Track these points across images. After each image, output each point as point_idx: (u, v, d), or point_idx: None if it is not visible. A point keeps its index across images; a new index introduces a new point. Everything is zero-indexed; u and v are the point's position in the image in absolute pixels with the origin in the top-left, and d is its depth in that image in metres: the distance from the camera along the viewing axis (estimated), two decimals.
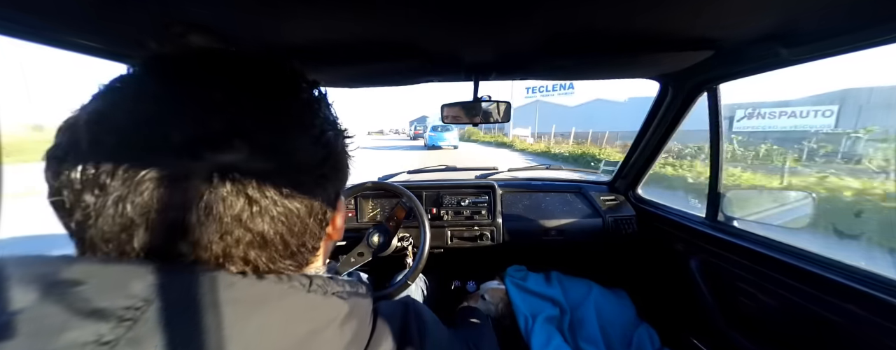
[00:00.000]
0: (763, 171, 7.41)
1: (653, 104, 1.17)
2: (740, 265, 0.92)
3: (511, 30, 0.63)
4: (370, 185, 1.17)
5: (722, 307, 0.98)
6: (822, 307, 0.72)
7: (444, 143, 16.12)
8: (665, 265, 1.24)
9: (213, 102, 0.22)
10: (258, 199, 0.22)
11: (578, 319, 1.19)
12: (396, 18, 0.56)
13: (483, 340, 0.69)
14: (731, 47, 0.72)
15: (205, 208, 0.21)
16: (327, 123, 0.27)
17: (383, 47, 0.70)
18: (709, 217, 1.06)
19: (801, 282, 0.75)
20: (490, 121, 1.13)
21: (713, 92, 0.97)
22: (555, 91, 33.21)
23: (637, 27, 0.62)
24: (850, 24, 0.58)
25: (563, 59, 0.81)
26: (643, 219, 1.36)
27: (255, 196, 0.22)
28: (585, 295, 1.25)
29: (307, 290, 0.25)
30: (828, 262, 0.73)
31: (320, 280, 0.26)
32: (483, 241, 1.33)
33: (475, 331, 0.79)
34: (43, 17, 0.53)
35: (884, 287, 0.62)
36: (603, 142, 14.28)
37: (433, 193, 1.38)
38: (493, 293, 1.27)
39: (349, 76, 0.97)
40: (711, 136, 1.02)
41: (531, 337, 1.09)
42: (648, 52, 0.75)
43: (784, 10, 0.56)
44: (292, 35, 0.63)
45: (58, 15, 0.53)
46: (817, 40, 0.64)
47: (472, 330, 0.80)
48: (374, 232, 1.08)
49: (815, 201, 0.92)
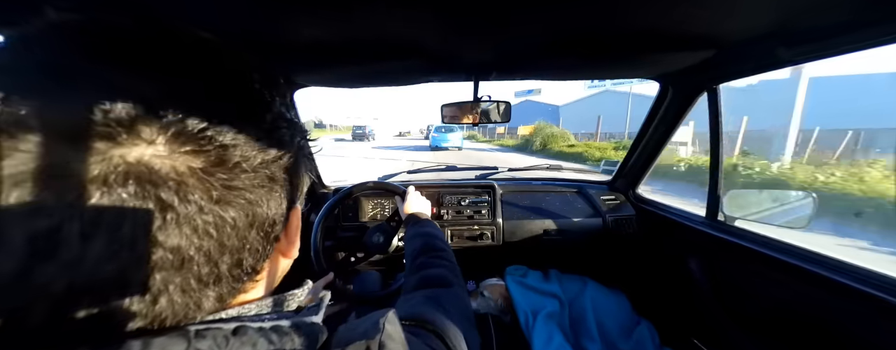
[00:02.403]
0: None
1: (653, 104, 1.17)
2: (740, 265, 0.92)
3: (512, 30, 0.63)
4: (371, 184, 1.17)
5: (722, 307, 0.98)
6: (822, 307, 0.72)
7: (447, 143, 15.81)
8: (665, 265, 1.24)
9: (117, 79, 0.17)
10: (173, 205, 0.17)
11: (576, 313, 1.19)
12: (397, 19, 0.57)
13: (449, 310, 0.46)
14: (731, 47, 0.72)
15: (93, 216, 0.16)
16: (282, 119, 0.23)
17: (384, 47, 0.70)
18: (709, 217, 1.06)
19: (801, 281, 0.75)
20: (490, 121, 1.13)
21: (713, 92, 0.97)
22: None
23: (637, 27, 0.62)
24: (850, 24, 0.58)
25: (563, 59, 0.81)
26: (643, 218, 1.36)
27: (169, 200, 0.17)
28: (581, 290, 1.26)
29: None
30: (828, 262, 0.73)
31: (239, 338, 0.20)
32: (483, 241, 1.33)
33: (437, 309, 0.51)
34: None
35: (884, 287, 0.62)
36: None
37: (433, 193, 1.39)
38: (491, 289, 1.28)
39: (349, 76, 0.97)
40: (711, 136, 1.02)
41: (532, 334, 1.09)
42: (648, 52, 0.75)
43: (784, 10, 0.56)
44: (293, 35, 0.63)
45: None
46: (817, 40, 0.64)
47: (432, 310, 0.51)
48: (374, 232, 1.09)
49: (815, 201, 0.92)
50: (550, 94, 38.11)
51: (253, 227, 0.21)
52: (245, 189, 0.20)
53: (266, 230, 0.23)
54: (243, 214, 0.20)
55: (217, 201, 0.19)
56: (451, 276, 0.55)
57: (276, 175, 0.22)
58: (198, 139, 0.18)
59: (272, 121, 0.22)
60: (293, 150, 0.24)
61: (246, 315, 0.23)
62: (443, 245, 0.68)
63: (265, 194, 0.22)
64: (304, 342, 0.23)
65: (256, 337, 0.21)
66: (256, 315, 0.24)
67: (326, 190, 1.42)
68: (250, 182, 0.20)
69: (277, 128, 0.23)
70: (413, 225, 0.84)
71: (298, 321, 0.24)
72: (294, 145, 0.24)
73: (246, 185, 0.20)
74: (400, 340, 0.26)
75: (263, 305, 0.25)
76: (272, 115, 0.23)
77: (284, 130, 0.23)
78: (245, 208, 0.20)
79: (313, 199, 1.36)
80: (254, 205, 0.21)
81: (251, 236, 0.21)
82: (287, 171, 0.23)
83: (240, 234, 0.21)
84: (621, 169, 1.46)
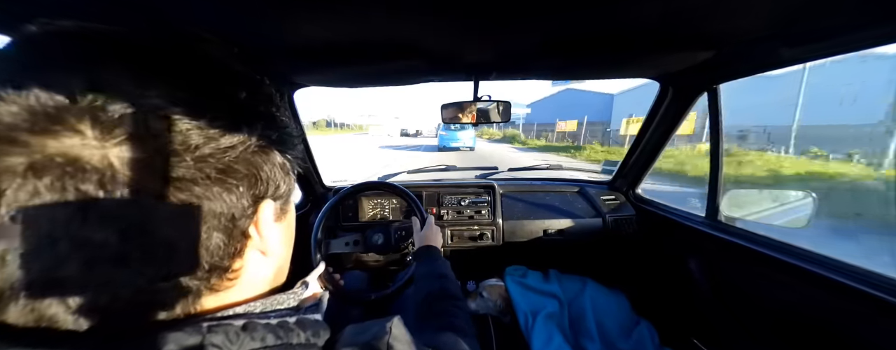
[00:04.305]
0: None
1: (653, 104, 1.17)
2: (740, 265, 0.92)
3: (512, 29, 0.63)
4: (371, 184, 1.17)
5: (722, 307, 0.98)
6: (822, 307, 0.72)
7: (457, 143, 13.59)
8: (665, 265, 1.24)
9: (51, 74, 0.17)
10: (98, 197, 0.16)
11: (576, 313, 1.19)
12: (397, 18, 0.56)
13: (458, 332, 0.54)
14: (731, 47, 0.72)
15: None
16: (248, 109, 0.23)
17: (384, 47, 0.70)
18: (709, 216, 1.06)
19: (801, 281, 0.75)
20: (490, 121, 1.13)
21: (713, 92, 0.97)
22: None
23: (637, 27, 0.62)
24: (850, 24, 0.57)
25: (563, 59, 0.81)
26: (643, 218, 1.36)
27: (92, 193, 0.16)
28: (580, 290, 1.26)
29: None
30: (828, 262, 0.73)
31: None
32: (483, 241, 1.33)
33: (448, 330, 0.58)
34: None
35: (884, 287, 0.62)
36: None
37: (433, 193, 1.39)
38: (490, 290, 1.28)
39: (349, 76, 0.97)
40: (711, 136, 1.02)
41: (532, 335, 1.09)
42: (648, 52, 0.75)
43: (784, 10, 0.55)
44: (292, 35, 0.63)
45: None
46: (817, 40, 0.64)
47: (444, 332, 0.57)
48: (374, 232, 1.09)
49: (815, 201, 0.92)
50: (596, 81, 33.15)
51: (204, 221, 0.20)
52: (190, 180, 0.19)
53: (225, 225, 0.21)
54: (190, 206, 0.19)
55: (156, 194, 0.18)
56: (468, 328, 0.57)
57: (231, 166, 0.21)
58: (131, 128, 0.17)
59: (230, 110, 0.21)
60: (253, 140, 0.22)
61: (253, 312, 0.24)
62: (459, 292, 0.69)
63: (217, 186, 0.20)
64: (309, 338, 0.23)
65: (265, 332, 0.21)
66: (262, 312, 0.24)
67: (326, 190, 1.42)
68: (196, 173, 0.19)
69: (239, 117, 0.22)
70: (429, 259, 0.81)
71: (302, 318, 0.24)
72: (257, 136, 0.22)
73: (191, 175, 0.19)
74: (406, 342, 0.27)
75: (267, 303, 0.25)
76: (231, 105, 0.22)
77: (247, 120, 0.22)
78: (190, 200, 0.19)
79: (313, 199, 1.36)
80: (202, 198, 0.20)
81: (203, 230, 0.20)
82: (248, 164, 0.22)
83: (186, 228, 0.19)
84: (621, 169, 1.45)
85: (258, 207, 0.24)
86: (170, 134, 0.18)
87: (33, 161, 0.15)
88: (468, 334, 0.54)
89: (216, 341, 0.19)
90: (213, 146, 0.20)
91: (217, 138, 0.20)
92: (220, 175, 0.20)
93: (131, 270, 0.18)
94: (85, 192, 0.16)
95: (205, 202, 0.20)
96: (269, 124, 0.24)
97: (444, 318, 0.58)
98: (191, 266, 0.20)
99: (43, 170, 0.16)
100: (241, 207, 0.22)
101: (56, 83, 0.17)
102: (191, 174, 0.19)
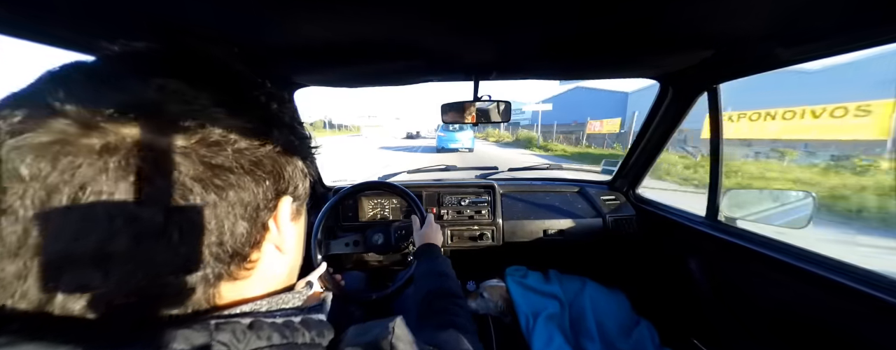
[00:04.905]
0: None
1: (653, 104, 1.17)
2: (741, 265, 0.92)
3: (512, 29, 0.63)
4: (370, 184, 1.17)
5: (722, 307, 0.98)
6: (821, 307, 0.72)
7: (455, 144, 13.53)
8: (665, 265, 1.24)
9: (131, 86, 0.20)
10: (152, 178, 0.19)
11: (576, 313, 1.19)
12: (397, 18, 0.57)
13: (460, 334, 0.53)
14: (730, 47, 0.72)
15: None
16: (272, 118, 0.25)
17: (384, 47, 0.70)
18: (709, 217, 1.06)
19: (801, 282, 0.75)
20: (490, 121, 1.13)
21: (713, 92, 0.97)
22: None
23: (637, 27, 0.62)
24: (850, 24, 0.58)
25: (563, 59, 0.81)
26: (643, 218, 1.36)
27: (148, 172, 0.19)
28: (580, 290, 1.26)
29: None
30: (828, 262, 0.73)
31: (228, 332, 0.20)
32: (483, 241, 1.33)
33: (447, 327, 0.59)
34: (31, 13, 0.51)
35: (884, 287, 0.62)
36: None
37: (434, 193, 1.38)
38: (492, 290, 1.28)
39: (349, 76, 0.97)
40: (711, 136, 1.02)
41: (532, 336, 1.09)
42: (648, 52, 0.75)
43: (784, 10, 0.56)
44: (292, 35, 0.63)
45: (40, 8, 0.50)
46: (817, 40, 0.64)
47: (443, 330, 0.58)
48: (374, 232, 1.09)
49: (815, 201, 0.92)
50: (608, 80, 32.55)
51: (233, 208, 0.22)
52: (227, 169, 0.21)
53: (249, 214, 0.23)
54: (225, 193, 0.21)
55: (197, 178, 0.20)
56: (469, 325, 0.58)
57: (262, 160, 0.24)
58: (185, 121, 0.20)
59: (263, 116, 0.24)
60: (280, 143, 0.25)
61: (259, 311, 0.24)
62: (459, 290, 0.69)
63: (248, 176, 0.23)
64: (314, 338, 0.24)
65: (270, 331, 0.22)
66: (268, 311, 0.25)
67: (326, 189, 1.42)
68: (232, 163, 0.22)
69: (270, 122, 0.25)
70: (430, 258, 0.82)
71: (307, 318, 0.25)
72: (283, 140, 0.25)
73: (229, 164, 0.22)
74: (408, 342, 0.28)
75: (273, 302, 0.26)
76: (263, 112, 0.25)
77: (276, 125, 0.25)
78: (225, 186, 0.21)
79: (313, 199, 1.36)
80: (235, 186, 0.22)
81: (232, 216, 0.22)
82: (275, 161, 0.25)
83: (219, 212, 0.21)
84: (621, 169, 1.46)
85: (278, 202, 0.26)
86: (215, 128, 0.21)
87: (107, 141, 0.18)
88: (469, 331, 0.55)
89: (223, 339, 0.20)
90: (247, 142, 0.23)
91: (251, 137, 0.23)
92: (252, 166, 0.23)
93: (170, 249, 0.20)
94: (144, 171, 0.18)
95: (237, 190, 0.22)
96: (293, 132, 0.27)
97: (445, 315, 0.59)
98: (217, 248, 0.22)
99: (114, 150, 0.18)
100: (266, 199, 0.24)
101: (132, 88, 0.20)
102: (228, 163, 0.22)
